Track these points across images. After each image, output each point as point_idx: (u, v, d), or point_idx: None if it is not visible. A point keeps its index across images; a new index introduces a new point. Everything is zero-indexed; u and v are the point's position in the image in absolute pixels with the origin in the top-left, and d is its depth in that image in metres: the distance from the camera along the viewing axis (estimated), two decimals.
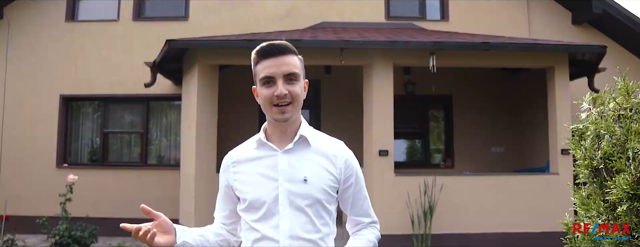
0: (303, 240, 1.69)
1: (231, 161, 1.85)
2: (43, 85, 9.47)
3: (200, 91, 6.92)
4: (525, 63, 7.20)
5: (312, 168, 1.74)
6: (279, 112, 1.70)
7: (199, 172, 6.81)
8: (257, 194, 1.72)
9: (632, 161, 1.10)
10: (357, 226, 1.89)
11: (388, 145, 6.72)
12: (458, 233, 6.45)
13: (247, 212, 1.75)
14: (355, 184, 1.83)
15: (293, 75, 1.71)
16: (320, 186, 1.72)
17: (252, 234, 1.73)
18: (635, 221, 1.08)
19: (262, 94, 1.74)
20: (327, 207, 1.75)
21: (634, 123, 1.13)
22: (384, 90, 6.79)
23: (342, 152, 1.80)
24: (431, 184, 6.60)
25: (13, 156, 9.34)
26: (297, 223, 1.69)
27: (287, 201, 1.69)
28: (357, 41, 6.41)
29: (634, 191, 1.08)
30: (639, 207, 1.06)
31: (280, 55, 1.72)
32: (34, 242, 8.25)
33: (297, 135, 1.76)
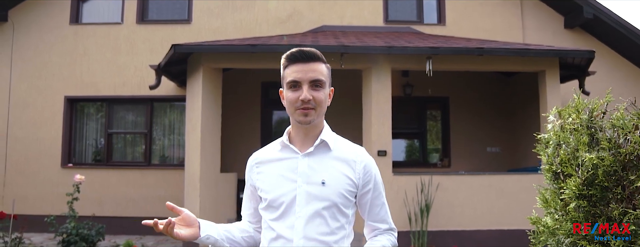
0: (316, 241, 1.71)
1: (255, 161, 1.90)
2: (48, 86, 9.66)
3: (205, 94, 7.14)
4: (518, 67, 7.45)
5: (330, 172, 1.77)
6: (302, 115, 1.74)
7: (203, 172, 7.03)
8: (276, 194, 1.77)
9: (580, 167, 1.35)
10: (373, 232, 1.91)
11: (386, 145, 6.96)
12: (453, 230, 6.69)
13: (266, 211, 1.81)
14: (374, 190, 1.85)
15: (319, 82, 1.75)
16: (337, 190, 1.75)
17: (269, 232, 1.79)
18: (582, 216, 1.32)
19: (287, 97, 1.78)
20: (343, 211, 1.77)
21: (582, 136, 1.37)
22: (382, 93, 7.03)
23: (362, 158, 1.84)
24: (428, 183, 6.85)
25: (18, 156, 9.54)
26: (312, 224, 1.72)
27: (304, 202, 1.73)
28: (356, 46, 6.65)
29: (580, 192, 1.33)
30: (583, 205, 1.31)
31: (309, 61, 1.76)
32: (40, 240, 8.46)
33: (318, 139, 1.80)
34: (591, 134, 1.36)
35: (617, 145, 1.29)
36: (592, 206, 1.30)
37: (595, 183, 1.30)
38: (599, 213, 1.29)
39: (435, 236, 6.71)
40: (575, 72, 8.01)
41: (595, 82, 9.28)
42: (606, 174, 1.28)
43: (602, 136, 1.33)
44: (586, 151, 1.34)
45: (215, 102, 7.50)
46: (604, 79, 9.62)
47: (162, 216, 6.43)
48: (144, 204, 9.37)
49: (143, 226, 6.71)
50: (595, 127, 1.35)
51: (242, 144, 9.44)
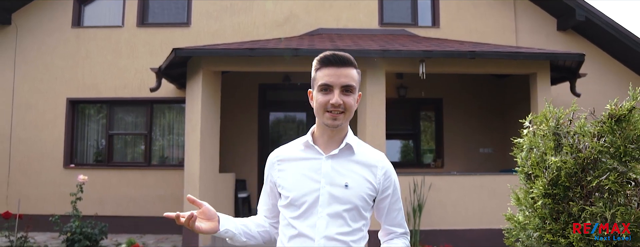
0: (336, 241, 1.75)
1: (277, 158, 1.91)
2: (50, 89, 9.81)
3: (204, 96, 7.31)
4: (510, 70, 7.64)
5: (353, 175, 1.81)
6: (331, 118, 1.77)
7: (203, 172, 7.20)
8: (299, 193, 1.79)
9: (547, 169, 1.53)
10: (389, 235, 1.96)
11: (380, 147, 7.14)
12: (445, 229, 6.88)
13: (287, 209, 1.83)
14: (392, 196, 1.89)
15: (350, 87, 1.77)
16: (359, 193, 1.79)
17: (290, 230, 1.81)
18: (547, 212, 1.51)
19: (317, 99, 1.79)
20: (362, 214, 1.81)
21: (549, 141, 1.56)
22: (376, 95, 7.22)
23: (383, 164, 1.87)
24: (420, 183, 7.04)
25: (21, 157, 9.69)
26: (333, 225, 1.75)
27: (326, 203, 1.76)
28: (351, 50, 6.82)
29: (546, 191, 1.51)
30: (549, 202, 1.49)
31: (341, 66, 1.77)
32: (43, 239, 8.61)
33: (343, 142, 1.83)
34: (557, 140, 1.55)
35: (578, 150, 1.47)
36: (556, 204, 1.49)
37: (558, 183, 1.48)
38: (561, 210, 1.48)
39: (428, 235, 6.90)
40: (567, 74, 8.20)
41: (588, 84, 9.50)
42: (568, 176, 1.46)
43: (565, 141, 1.52)
44: (552, 154, 1.53)
45: (214, 104, 7.68)
46: (596, 81, 9.84)
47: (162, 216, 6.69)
48: (144, 203, 9.53)
49: (143, 225, 7.07)
50: (560, 133, 1.54)
51: (240, 145, 9.62)
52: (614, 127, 1.41)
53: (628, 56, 9.81)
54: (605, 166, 1.39)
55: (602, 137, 1.43)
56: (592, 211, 1.37)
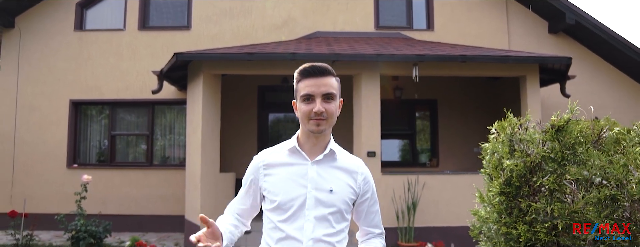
0: (323, 242, 1.85)
1: (263, 162, 1.99)
2: (53, 90, 10.03)
3: (205, 98, 7.56)
4: (500, 73, 7.89)
5: (337, 181, 1.93)
6: (315, 125, 1.87)
7: (204, 172, 7.45)
8: (287, 197, 1.88)
9: (503, 171, 1.78)
10: (366, 236, 2.08)
11: (375, 147, 7.40)
12: (439, 226, 7.13)
13: (274, 213, 1.91)
14: (370, 199, 2.03)
15: (330, 95, 1.89)
16: (342, 197, 1.91)
17: (277, 233, 1.89)
18: (503, 208, 1.75)
19: (301, 109, 1.90)
20: (345, 216, 1.93)
21: (505, 147, 1.81)
22: (371, 97, 7.47)
23: (362, 170, 2.02)
24: (414, 182, 7.30)
25: (25, 158, 9.91)
26: (319, 227, 1.85)
27: (313, 207, 1.87)
28: (347, 54, 7.08)
29: (502, 190, 1.76)
30: (503, 199, 1.74)
31: (321, 76, 1.88)
32: (47, 237, 8.85)
33: (327, 148, 1.95)
34: (511, 146, 1.80)
35: (527, 154, 1.72)
36: (509, 201, 1.74)
37: (511, 183, 1.73)
38: (513, 206, 1.72)
39: (422, 231, 7.15)
40: (557, 76, 8.46)
41: (579, 85, 9.76)
42: (518, 177, 1.71)
43: (517, 147, 1.76)
44: (507, 158, 1.78)
45: (214, 106, 7.92)
46: (587, 82, 10.10)
47: (163, 215, 7.04)
48: (146, 202, 9.77)
49: (146, 224, 7.38)
50: (513, 140, 1.79)
51: (239, 146, 9.86)
52: (554, 136, 1.66)
53: (616, 57, 10.06)
54: (547, 168, 1.64)
55: (545, 144, 1.68)
56: (536, 207, 1.62)
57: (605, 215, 1.50)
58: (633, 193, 1.45)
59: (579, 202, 1.55)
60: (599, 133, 1.71)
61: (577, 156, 1.59)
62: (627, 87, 10.27)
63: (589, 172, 1.54)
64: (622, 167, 1.48)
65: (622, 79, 10.28)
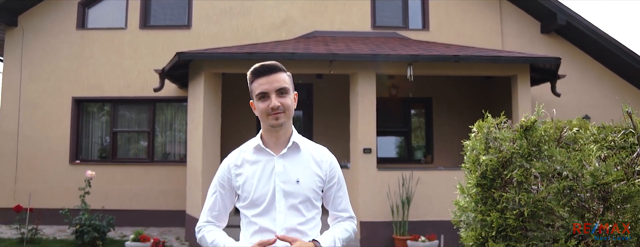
0: (295, 231, 1.96)
1: (233, 164, 2.10)
2: (56, 88, 10.24)
3: (206, 96, 7.79)
4: (492, 72, 8.14)
5: (303, 171, 2.02)
6: (274, 119, 1.96)
7: (205, 168, 7.68)
8: (258, 194, 1.98)
9: (479, 166, 2.03)
10: (336, 220, 2.18)
11: (371, 144, 7.65)
12: (432, 220, 7.38)
13: (248, 209, 2.02)
14: (337, 184, 2.12)
15: (283, 90, 1.97)
16: (309, 186, 2.01)
17: (252, 227, 2.00)
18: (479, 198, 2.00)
19: (258, 107, 2.00)
20: (314, 204, 2.04)
21: (482, 144, 2.05)
22: (367, 96, 7.71)
23: (327, 157, 2.11)
24: (408, 177, 7.55)
25: (29, 154, 10.13)
26: (290, 217, 1.96)
27: (283, 199, 1.97)
28: (344, 54, 7.32)
29: (478, 182, 2.00)
30: (479, 191, 1.99)
31: (272, 73, 1.98)
32: (51, 232, 9.07)
33: (290, 142, 2.04)
34: (487, 143, 2.04)
35: (499, 150, 1.96)
36: (484, 191, 1.98)
37: (486, 176, 1.98)
38: (488, 196, 1.97)
39: (416, 225, 7.41)
40: (547, 75, 8.71)
41: (570, 84, 10.03)
42: (492, 170, 1.95)
43: (492, 144, 2.01)
44: (483, 154, 2.03)
45: (215, 104, 8.15)
46: (578, 81, 10.37)
47: (164, 210, 7.35)
48: (147, 198, 10.00)
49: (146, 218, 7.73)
50: (489, 138, 2.03)
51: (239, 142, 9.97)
52: (523, 135, 1.90)
53: (607, 57, 10.32)
54: (516, 163, 1.88)
55: (515, 141, 1.93)
56: (507, 197, 1.87)
57: (564, 203, 1.74)
58: (586, 184, 1.69)
59: (542, 192, 1.79)
60: (560, 133, 1.96)
61: (542, 152, 1.83)
62: (615, 85, 10.53)
63: (551, 166, 1.78)
64: (578, 162, 1.73)
65: (611, 77, 10.55)
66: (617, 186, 1.64)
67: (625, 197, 1.63)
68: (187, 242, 8.31)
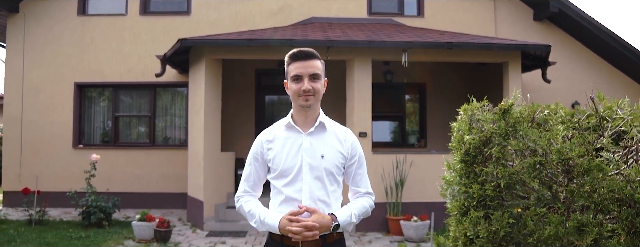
0: (318, 200, 2.17)
1: (265, 139, 2.31)
2: (58, 74, 10.43)
3: (207, 81, 8.02)
4: (484, 59, 8.39)
5: (327, 148, 2.23)
6: (304, 100, 2.17)
7: (206, 151, 7.95)
8: (286, 166, 2.20)
9: (463, 144, 2.30)
10: (355, 194, 2.36)
11: (366, 128, 7.92)
12: (424, 202, 7.68)
13: (277, 179, 2.24)
14: (357, 162, 2.32)
15: (316, 75, 2.18)
16: (333, 162, 2.22)
17: (280, 196, 2.22)
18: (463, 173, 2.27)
19: (291, 88, 2.21)
20: (337, 178, 2.24)
21: (466, 125, 2.32)
22: (363, 81, 7.96)
23: (349, 137, 2.32)
24: (402, 160, 7.84)
25: (32, 139, 10.36)
26: (315, 188, 2.17)
27: (308, 171, 2.18)
28: (341, 41, 7.55)
29: (462, 159, 2.28)
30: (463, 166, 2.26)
31: (308, 59, 2.18)
32: (56, 214, 9.36)
33: (317, 121, 2.25)
34: (470, 124, 2.31)
35: (481, 130, 2.23)
36: (467, 166, 2.25)
37: (469, 153, 2.25)
38: (470, 170, 2.24)
39: (408, 206, 7.72)
40: (538, 62, 8.97)
41: (562, 70, 10.31)
42: (474, 148, 2.22)
43: (474, 125, 2.28)
44: (467, 134, 2.30)
45: (215, 89, 8.39)
46: (569, 67, 10.64)
47: (165, 192, 7.70)
48: (149, 181, 10.28)
49: (148, 201, 8.14)
50: (472, 120, 2.30)
51: (238, 126, 10.36)
52: (501, 116, 2.17)
53: (597, 45, 10.58)
54: (495, 141, 2.15)
55: (495, 122, 2.20)
56: (486, 171, 2.14)
57: (534, 175, 2.02)
58: (553, 159, 1.96)
59: (517, 166, 2.07)
60: (533, 115, 2.23)
61: (517, 131, 2.11)
62: (605, 72, 10.82)
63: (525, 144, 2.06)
64: (547, 140, 1.99)
65: (601, 64, 10.82)
66: (579, 161, 1.92)
67: (585, 170, 1.90)
68: (189, 222, 8.61)
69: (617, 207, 1.92)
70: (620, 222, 1.91)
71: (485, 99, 2.39)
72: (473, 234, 2.16)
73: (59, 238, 7.14)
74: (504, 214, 2.08)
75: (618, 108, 2.33)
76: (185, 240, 7.27)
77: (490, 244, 2.10)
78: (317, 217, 2.09)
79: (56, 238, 7.13)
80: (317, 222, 2.07)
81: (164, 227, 7.04)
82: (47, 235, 7.29)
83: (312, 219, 2.08)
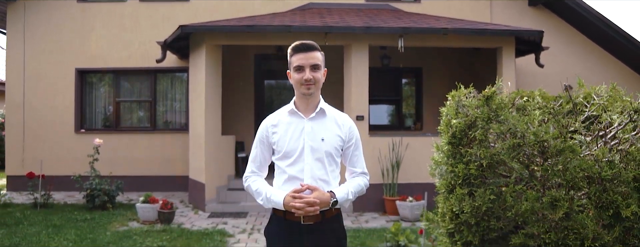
0: (319, 179, 2.39)
1: (270, 124, 2.50)
2: (59, 60, 10.55)
3: (207, 67, 8.19)
4: (479, 44, 8.56)
5: (327, 132, 2.44)
6: (306, 88, 2.38)
7: (208, 134, 8.16)
8: (289, 148, 2.41)
9: (451, 128, 2.50)
10: (352, 174, 2.57)
11: (363, 111, 8.13)
12: (419, 183, 7.91)
13: (281, 160, 2.45)
14: (354, 145, 2.53)
15: (316, 66, 2.38)
16: (332, 144, 2.43)
17: (283, 175, 2.44)
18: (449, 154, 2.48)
19: (294, 77, 2.40)
20: (335, 159, 2.46)
21: (452, 110, 2.52)
22: (360, 66, 8.14)
23: (347, 122, 2.53)
24: (398, 143, 8.07)
25: (35, 124, 10.52)
26: (315, 168, 2.39)
27: (310, 153, 2.40)
28: (339, 26, 7.71)
29: (449, 141, 2.48)
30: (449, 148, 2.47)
31: (309, 51, 2.37)
32: (60, 197, 9.57)
33: (318, 107, 2.45)
34: (456, 109, 2.51)
35: (466, 115, 2.43)
36: (454, 148, 2.46)
37: (455, 135, 2.45)
38: (456, 152, 2.44)
39: (404, 187, 7.97)
40: (532, 47, 9.14)
41: (556, 55, 10.48)
42: (460, 131, 2.43)
43: (460, 110, 2.48)
44: (454, 118, 2.50)
45: (215, 74, 8.56)
46: (563, 52, 10.82)
47: (167, 175, 7.96)
48: (150, 164, 10.49)
49: (150, 184, 8.43)
50: (458, 105, 2.50)
51: (238, 110, 10.55)
52: (484, 102, 2.37)
53: (591, 30, 10.74)
54: (479, 125, 2.35)
55: (479, 108, 2.40)
56: (470, 152, 2.35)
57: (513, 156, 2.23)
58: (530, 141, 2.17)
59: (498, 147, 2.27)
60: (513, 101, 2.43)
61: (499, 116, 2.31)
62: (598, 57, 10.99)
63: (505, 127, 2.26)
64: (525, 124, 2.19)
65: (594, 49, 10.99)
66: (553, 143, 2.12)
67: (558, 151, 2.11)
68: (191, 204, 8.86)
69: (586, 184, 2.13)
70: (589, 198, 2.13)
71: (472, 86, 2.58)
72: (458, 209, 2.37)
73: (65, 220, 7.37)
74: (486, 191, 2.29)
75: (595, 94, 2.53)
76: (188, 221, 7.51)
77: (474, 218, 2.32)
78: (317, 194, 2.31)
79: (62, 220, 7.36)
80: (317, 198, 2.29)
81: (167, 209, 7.28)
82: (53, 217, 7.52)
83: (313, 196, 2.30)
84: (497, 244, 2.31)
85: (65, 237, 6.33)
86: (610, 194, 2.06)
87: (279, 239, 2.43)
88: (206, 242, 6.11)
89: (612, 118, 2.16)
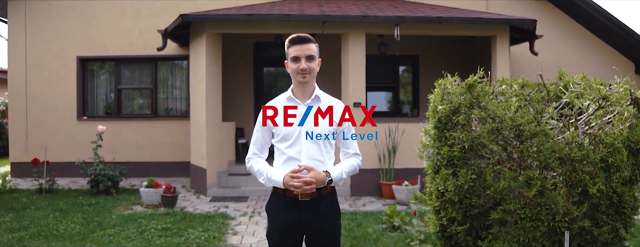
0: (315, 160, 2.60)
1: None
2: (61, 48, 10.67)
3: (208, 55, 8.36)
4: (474, 33, 8.72)
5: (322, 116, 2.64)
6: (302, 77, 2.58)
7: (209, 121, 8.36)
8: (288, 131, 2.63)
9: (437, 113, 2.71)
10: (345, 155, 2.78)
11: (361, 98, 8.32)
12: (415, 168, 8.11)
13: (280, 142, 2.67)
14: (347, 128, 2.73)
15: (311, 57, 2.58)
16: (327, 128, 2.63)
17: (282, 156, 2.65)
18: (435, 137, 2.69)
19: (291, 67, 2.61)
20: (330, 141, 2.66)
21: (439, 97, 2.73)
22: (357, 54, 8.32)
23: (341, 107, 2.72)
24: (394, 129, 8.28)
25: (37, 111, 10.68)
26: (312, 149, 2.60)
27: (306, 136, 2.61)
28: (336, 16, 7.87)
29: (435, 125, 2.69)
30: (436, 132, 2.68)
31: (304, 43, 2.58)
32: (64, 183, 9.78)
33: (313, 94, 2.66)
34: (442, 97, 2.72)
35: (451, 102, 2.64)
36: (439, 132, 2.67)
37: (441, 120, 2.66)
38: (441, 135, 2.65)
39: (400, 172, 8.20)
40: (526, 35, 9.31)
41: (551, 43, 10.63)
42: (445, 116, 2.64)
43: (446, 97, 2.68)
44: (440, 104, 2.71)
45: (216, 62, 8.74)
46: (558, 40, 10.96)
47: (169, 161, 8.22)
48: (152, 150, 10.70)
49: (152, 170, 8.76)
50: (444, 93, 2.71)
51: (238, 97, 10.74)
52: (467, 90, 2.57)
53: (586, 19, 10.86)
54: (462, 111, 2.56)
55: (462, 95, 2.60)
56: (454, 136, 2.56)
57: (492, 139, 2.44)
58: (507, 125, 2.38)
59: (478, 131, 2.49)
60: (493, 89, 2.63)
61: (480, 103, 2.51)
62: (593, 45, 11.14)
63: (486, 113, 2.47)
64: (503, 110, 2.40)
65: (589, 38, 11.13)
66: (528, 127, 2.33)
67: (532, 135, 2.32)
68: (193, 189, 9.09)
69: (558, 165, 2.34)
70: (560, 176, 2.34)
71: (457, 75, 2.78)
72: (443, 188, 2.59)
73: (71, 205, 7.59)
74: (468, 171, 2.50)
75: (572, 83, 2.74)
76: (191, 205, 7.75)
77: (457, 196, 2.53)
78: (314, 173, 2.53)
79: (68, 205, 7.58)
80: (314, 178, 2.51)
81: (170, 193, 7.50)
82: (58, 202, 7.73)
83: (309, 175, 2.52)
84: (478, 219, 2.53)
85: (72, 220, 6.56)
86: (579, 174, 2.27)
87: (279, 214, 2.66)
88: (209, 225, 6.35)
89: (583, 105, 2.36)
